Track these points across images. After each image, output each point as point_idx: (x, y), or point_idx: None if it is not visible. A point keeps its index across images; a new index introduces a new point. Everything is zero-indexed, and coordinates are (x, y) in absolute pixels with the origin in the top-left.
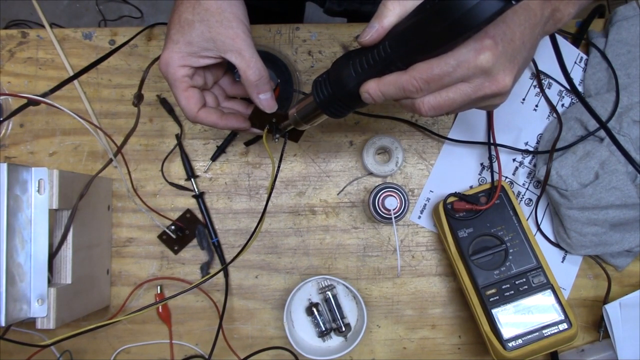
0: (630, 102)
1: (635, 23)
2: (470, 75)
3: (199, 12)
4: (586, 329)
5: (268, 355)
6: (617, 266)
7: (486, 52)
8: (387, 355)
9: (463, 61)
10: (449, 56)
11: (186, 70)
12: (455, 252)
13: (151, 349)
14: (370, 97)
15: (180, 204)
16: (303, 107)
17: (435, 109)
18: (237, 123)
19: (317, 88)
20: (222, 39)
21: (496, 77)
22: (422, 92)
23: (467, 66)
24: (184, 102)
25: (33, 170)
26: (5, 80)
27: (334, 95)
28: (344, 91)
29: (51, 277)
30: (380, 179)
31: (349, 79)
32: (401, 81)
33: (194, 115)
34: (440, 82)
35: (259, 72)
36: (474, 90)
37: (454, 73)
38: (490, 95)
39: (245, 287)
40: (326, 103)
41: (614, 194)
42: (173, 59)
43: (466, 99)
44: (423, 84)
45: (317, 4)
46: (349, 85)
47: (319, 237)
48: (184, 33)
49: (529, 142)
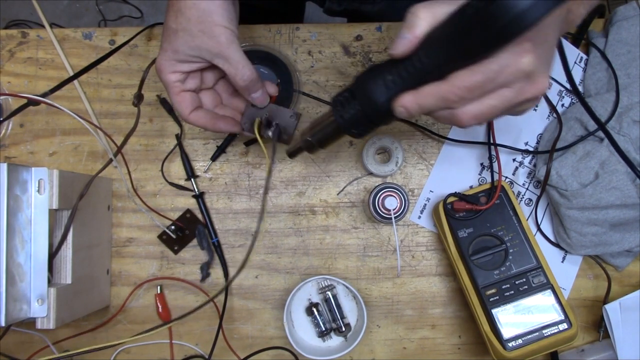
0: (630, 102)
1: (635, 23)
2: (512, 80)
3: (180, 21)
4: (586, 329)
5: (268, 355)
6: (617, 266)
7: (527, 55)
8: (387, 355)
9: (505, 66)
10: (490, 62)
11: (177, 76)
12: (455, 252)
13: (151, 349)
14: (407, 110)
15: (180, 204)
16: (320, 129)
17: (477, 118)
18: (226, 127)
19: (337, 107)
20: (206, 47)
21: (536, 79)
22: (464, 101)
23: (509, 71)
24: (176, 106)
25: (33, 170)
26: (5, 80)
27: (362, 113)
28: (374, 108)
29: (51, 277)
30: (380, 179)
31: (379, 94)
32: (441, 91)
33: (185, 117)
34: (483, 89)
35: (248, 74)
36: (515, 95)
37: (496, 79)
38: (531, 99)
39: (245, 287)
40: (351, 123)
41: (614, 194)
42: (164, 65)
43: (507, 104)
44: (466, 92)
45: (317, 4)
46: (380, 100)
47: (319, 237)
48: (170, 42)
49: (529, 142)
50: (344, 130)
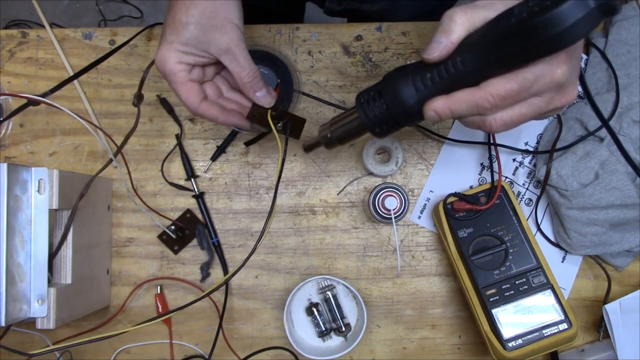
0: (630, 102)
1: (635, 23)
2: (544, 90)
3: (193, 14)
4: (586, 329)
5: (268, 355)
6: (617, 266)
7: (563, 66)
8: (387, 355)
9: (541, 76)
10: (526, 71)
11: (183, 66)
12: (455, 252)
13: (151, 349)
14: (437, 115)
15: (180, 204)
16: (342, 126)
17: (507, 125)
18: (237, 120)
19: (362, 105)
20: (216, 43)
21: (567, 90)
22: (497, 108)
23: (544, 81)
24: (184, 96)
25: (33, 170)
26: (5, 80)
27: (388, 113)
28: (403, 109)
29: (51, 277)
30: (380, 179)
31: (409, 96)
32: (475, 98)
33: (195, 108)
34: (516, 98)
35: (252, 73)
36: (545, 105)
37: (531, 88)
38: (559, 109)
39: (245, 287)
40: (376, 122)
41: (614, 194)
42: (168, 57)
43: (537, 113)
44: (500, 100)
45: (317, 4)
46: (409, 102)
47: (319, 237)
48: (179, 34)
49: (529, 142)
50: (368, 128)
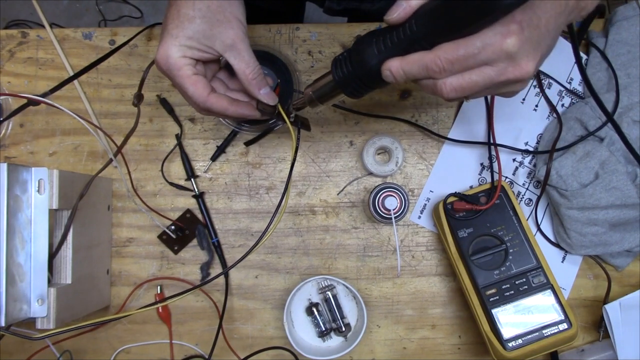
0: (630, 102)
1: (635, 23)
2: (494, 59)
3: (200, 8)
4: (586, 329)
5: (268, 355)
6: (617, 266)
7: (512, 36)
8: (387, 355)
9: (489, 44)
10: (475, 38)
11: (187, 60)
12: (455, 252)
13: (151, 349)
14: (392, 75)
15: (180, 204)
16: (321, 85)
17: (457, 91)
18: (247, 110)
19: (336, 66)
20: (222, 38)
21: (520, 62)
22: (446, 72)
23: (493, 49)
24: (192, 89)
25: (33, 170)
26: (5, 80)
27: (354, 73)
28: (365, 69)
29: (51, 277)
30: (380, 179)
31: (371, 56)
32: (425, 60)
33: (204, 100)
34: (465, 64)
35: (257, 70)
36: (497, 74)
37: (478, 55)
38: (513, 81)
39: (245, 287)
40: (345, 81)
41: (614, 194)
42: (172, 51)
43: (488, 82)
44: (447, 64)
45: (317, 4)
46: (371, 63)
47: (319, 237)
48: (184, 28)
49: (529, 142)
50: (339, 88)
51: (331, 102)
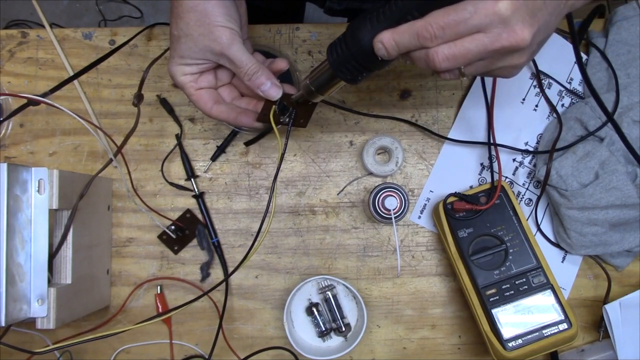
0: (630, 102)
1: (635, 23)
2: (487, 24)
3: (181, 27)
4: (586, 329)
5: (268, 355)
6: (617, 266)
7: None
8: (387, 355)
9: (481, 8)
10: (466, 3)
11: (189, 77)
12: (455, 252)
13: (151, 349)
14: (384, 47)
15: (180, 204)
16: (317, 74)
17: (450, 60)
18: (248, 120)
19: (331, 50)
20: (210, 49)
21: (514, 27)
22: (437, 39)
23: (485, 12)
24: (196, 105)
25: (33, 170)
26: (5, 80)
27: (349, 53)
28: (359, 46)
29: (51, 277)
30: (380, 179)
31: (364, 33)
32: (416, 27)
33: (208, 113)
34: (457, 29)
35: (251, 69)
36: (491, 41)
37: (470, 20)
38: (508, 49)
39: (245, 287)
40: (341, 63)
41: (614, 194)
42: (173, 71)
43: (482, 49)
44: (438, 30)
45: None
46: (364, 39)
47: (319, 237)
48: (175, 48)
49: (529, 142)
50: (336, 73)
51: (330, 91)
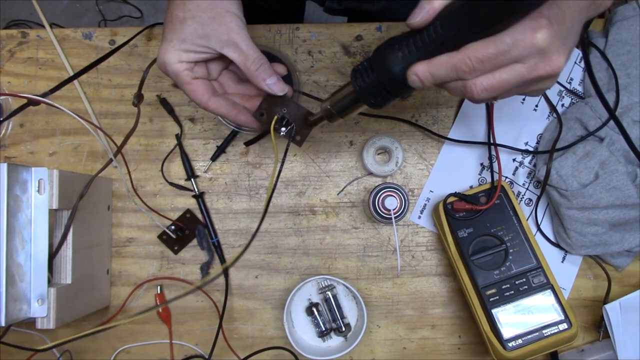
0: (630, 102)
1: (635, 23)
2: (525, 55)
3: (189, 8)
4: (586, 329)
5: (268, 355)
6: (617, 266)
7: (542, 30)
8: (387, 355)
9: (519, 40)
10: (504, 35)
11: (184, 65)
12: (455, 252)
13: (151, 349)
14: (419, 79)
15: (180, 204)
16: (340, 98)
17: (488, 91)
18: (246, 118)
19: (356, 76)
20: (216, 35)
21: (551, 57)
22: (476, 72)
23: (523, 45)
24: (191, 95)
25: (33, 170)
26: (5, 80)
27: (377, 81)
28: (389, 76)
29: (51, 277)
30: (380, 179)
31: (394, 62)
32: (454, 61)
33: (205, 106)
34: (495, 62)
35: (259, 60)
36: (528, 71)
37: (509, 52)
38: (544, 77)
39: (245, 287)
40: (367, 91)
41: (614, 194)
42: (168, 57)
43: (520, 80)
44: (477, 63)
45: (317, 3)
46: (395, 69)
47: (319, 237)
48: (177, 31)
49: (529, 142)
50: (361, 99)
51: (351, 115)
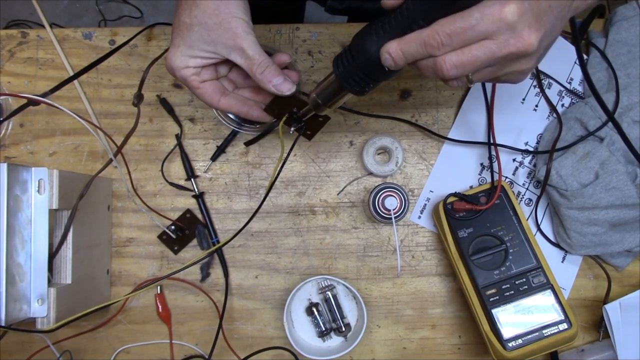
0: (630, 102)
1: (635, 23)
2: (494, 30)
3: (196, 14)
4: (586, 329)
5: (268, 355)
6: (617, 266)
7: (511, 4)
8: (387, 355)
9: (487, 14)
10: (472, 9)
11: (191, 70)
12: (455, 252)
13: (151, 349)
14: (391, 57)
15: (180, 204)
16: (324, 86)
17: (457, 68)
18: (260, 114)
19: (337, 63)
20: (222, 41)
21: (521, 33)
22: (445, 47)
23: (492, 19)
24: (201, 98)
25: (33, 170)
26: (5, 80)
27: (355, 64)
28: (366, 57)
29: (51, 277)
30: (380, 179)
31: (370, 43)
32: (423, 36)
33: (215, 107)
34: (464, 37)
35: (264, 63)
36: (498, 47)
37: (477, 26)
38: (516, 54)
39: (245, 287)
40: (347, 75)
41: (614, 194)
42: (176, 62)
43: (490, 56)
44: (445, 37)
45: (318, 3)
46: (370, 49)
47: (319, 237)
48: (184, 37)
49: (529, 142)
50: (342, 84)
51: (337, 103)
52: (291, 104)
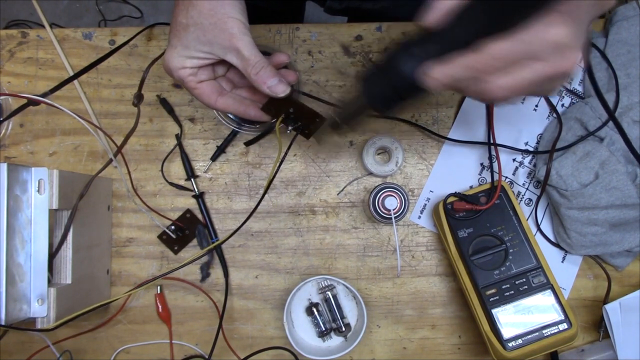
0: (630, 102)
1: (635, 23)
2: (543, 52)
3: (192, 15)
4: (586, 329)
5: (268, 355)
6: (617, 266)
7: (559, 26)
8: (387, 355)
9: (537, 37)
10: (521, 33)
11: (188, 71)
12: (455, 252)
13: (151, 349)
14: (436, 81)
15: (180, 204)
16: (347, 108)
17: (506, 90)
18: (257, 113)
19: (365, 80)
20: (218, 41)
21: (569, 54)
22: (494, 71)
23: (541, 42)
24: (199, 98)
25: (33, 170)
26: (5, 80)
27: (389, 86)
28: (402, 79)
29: (51, 277)
30: (380, 179)
31: (408, 66)
32: (471, 61)
33: (213, 106)
34: (514, 60)
35: (259, 64)
36: (547, 68)
37: (527, 49)
38: (562, 74)
39: (245, 287)
40: (378, 97)
41: (614, 194)
42: (172, 63)
43: (540, 77)
44: (496, 61)
45: (318, 3)
46: (409, 72)
47: (319, 237)
48: (180, 37)
49: (529, 142)
50: (371, 105)
51: (358, 123)
52: (288, 103)
